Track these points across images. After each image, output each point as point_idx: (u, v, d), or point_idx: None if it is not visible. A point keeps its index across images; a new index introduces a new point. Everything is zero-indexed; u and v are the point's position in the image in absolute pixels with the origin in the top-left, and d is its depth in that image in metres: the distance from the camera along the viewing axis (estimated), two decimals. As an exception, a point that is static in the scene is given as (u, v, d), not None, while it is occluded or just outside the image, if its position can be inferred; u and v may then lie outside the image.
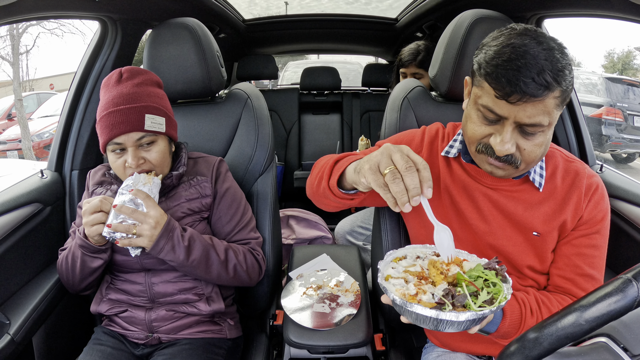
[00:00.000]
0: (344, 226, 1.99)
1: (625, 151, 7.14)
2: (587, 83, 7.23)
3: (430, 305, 0.62)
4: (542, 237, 0.87)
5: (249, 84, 1.56)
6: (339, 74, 3.03)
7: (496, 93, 0.73)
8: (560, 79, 0.70)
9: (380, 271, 0.71)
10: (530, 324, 0.80)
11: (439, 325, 0.63)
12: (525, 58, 0.70)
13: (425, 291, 0.65)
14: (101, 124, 0.95)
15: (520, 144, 0.76)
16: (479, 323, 0.65)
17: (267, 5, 2.84)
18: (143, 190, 0.93)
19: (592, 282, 0.86)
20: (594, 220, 0.86)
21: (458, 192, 0.91)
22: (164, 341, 1.08)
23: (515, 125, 0.74)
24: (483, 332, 0.80)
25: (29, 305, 1.11)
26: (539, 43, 0.71)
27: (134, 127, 0.94)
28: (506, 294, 0.65)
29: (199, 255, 0.99)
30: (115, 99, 0.94)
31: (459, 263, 0.71)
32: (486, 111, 0.76)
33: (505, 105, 0.73)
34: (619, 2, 0.95)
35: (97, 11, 1.26)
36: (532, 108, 0.71)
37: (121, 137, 0.94)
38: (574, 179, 0.87)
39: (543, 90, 0.69)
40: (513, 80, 0.70)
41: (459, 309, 0.62)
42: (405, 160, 0.65)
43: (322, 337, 1.05)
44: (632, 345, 0.47)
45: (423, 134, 0.99)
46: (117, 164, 0.98)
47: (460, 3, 1.57)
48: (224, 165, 1.15)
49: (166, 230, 0.94)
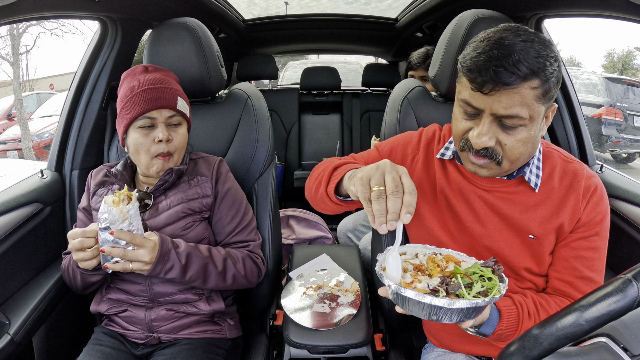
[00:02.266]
0: (347, 224, 2.00)
1: (625, 151, 7.13)
2: (587, 83, 7.23)
3: (424, 292, 0.62)
4: (539, 240, 0.86)
5: (249, 84, 1.56)
6: (339, 73, 3.03)
7: (472, 85, 0.73)
8: (536, 68, 0.69)
9: (379, 262, 0.71)
10: (528, 327, 0.80)
11: (431, 314, 0.63)
12: (499, 49, 0.70)
13: (421, 280, 0.66)
14: (133, 101, 0.98)
15: (501, 138, 0.75)
16: (473, 316, 0.65)
17: (267, 5, 2.84)
18: (122, 227, 0.89)
19: (592, 284, 0.85)
20: (592, 222, 0.84)
21: (454, 195, 0.91)
22: (163, 341, 1.08)
23: (492, 117, 0.74)
24: (480, 335, 0.79)
25: (29, 305, 1.11)
26: (518, 35, 0.71)
27: (169, 104, 1.00)
28: (501, 289, 0.65)
29: (197, 271, 0.99)
30: (149, 81, 1.00)
31: (457, 263, 0.71)
32: (465, 105, 0.77)
33: (480, 97, 0.73)
34: (619, 2, 0.95)
35: (97, 11, 1.26)
36: (507, 98, 0.70)
37: (154, 112, 0.99)
38: (572, 180, 0.85)
39: (516, 78, 0.69)
40: (484, 69, 0.70)
41: (453, 297, 0.62)
42: (395, 184, 0.65)
43: (322, 337, 1.05)
44: (632, 345, 0.47)
45: (420, 136, 0.99)
46: (144, 140, 1.00)
47: (460, 3, 1.57)
48: (224, 166, 1.15)
49: (161, 256, 0.93)
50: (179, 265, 0.96)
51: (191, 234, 1.05)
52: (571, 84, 1.42)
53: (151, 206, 1.05)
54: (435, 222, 0.93)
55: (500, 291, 0.64)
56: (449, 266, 0.70)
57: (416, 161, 0.96)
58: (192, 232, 1.06)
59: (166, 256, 0.94)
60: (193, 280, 0.99)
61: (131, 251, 0.90)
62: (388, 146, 1.00)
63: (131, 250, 0.90)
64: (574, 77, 1.78)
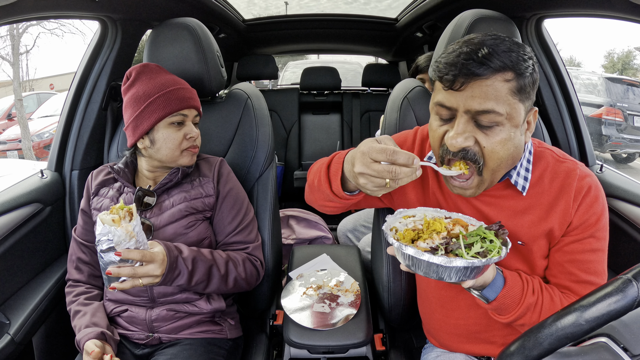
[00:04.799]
0: (347, 224, 2.00)
1: (625, 151, 7.13)
2: (587, 83, 7.23)
3: (424, 249, 0.64)
4: (527, 246, 0.84)
5: (249, 84, 1.56)
6: (339, 73, 3.03)
7: (443, 85, 0.72)
8: (507, 60, 0.68)
9: (387, 222, 0.72)
10: (530, 302, 0.79)
11: (430, 271, 0.65)
12: (469, 46, 0.70)
13: (425, 239, 0.67)
14: (167, 97, 1.02)
15: (479, 139, 0.72)
16: (472, 276, 0.66)
17: (267, 5, 2.84)
18: (129, 246, 0.84)
19: (591, 288, 0.81)
20: (586, 224, 0.81)
21: (444, 198, 0.90)
22: (164, 341, 1.08)
23: (468, 116, 0.71)
24: (483, 299, 0.79)
25: (29, 305, 1.11)
26: (491, 36, 0.71)
27: (197, 105, 1.09)
28: (501, 252, 0.66)
29: (202, 275, 0.99)
30: (176, 81, 1.06)
31: (464, 225, 0.72)
32: (439, 108, 0.75)
33: (452, 94, 0.71)
34: (619, 2, 0.95)
35: (97, 11, 1.26)
36: (480, 91, 0.69)
37: (186, 110, 1.05)
38: (564, 181, 0.82)
39: (486, 68, 0.68)
40: (454, 62, 0.69)
41: (452, 256, 0.64)
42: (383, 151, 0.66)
43: (322, 337, 1.05)
44: (632, 345, 0.47)
45: (415, 134, 0.98)
46: (176, 135, 1.04)
47: (460, 3, 1.57)
48: (225, 166, 1.15)
49: (170, 266, 0.92)
50: (187, 271, 0.95)
51: (193, 232, 1.05)
52: (571, 84, 1.42)
53: (154, 205, 1.05)
54: None
55: (500, 253, 0.65)
56: (455, 228, 0.70)
57: None
58: (194, 231, 1.06)
59: (174, 264, 0.93)
60: (198, 284, 0.99)
61: (141, 267, 0.86)
62: None
63: (140, 266, 0.87)
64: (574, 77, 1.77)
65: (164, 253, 0.91)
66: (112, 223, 0.82)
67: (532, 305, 0.79)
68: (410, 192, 0.94)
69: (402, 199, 0.96)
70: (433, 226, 0.70)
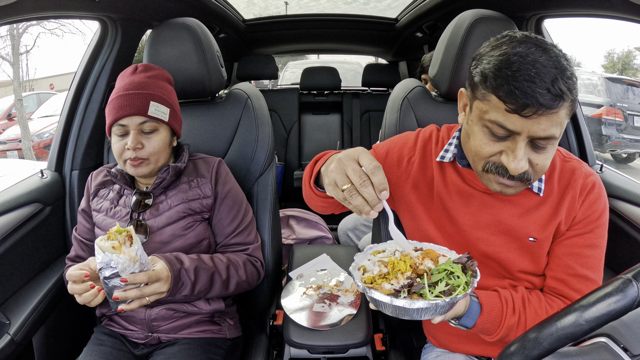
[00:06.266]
0: (347, 224, 2.00)
1: (625, 151, 7.14)
2: (587, 83, 7.23)
3: (387, 292, 0.64)
4: (539, 242, 0.85)
5: (249, 84, 1.56)
6: (338, 73, 3.04)
7: (507, 107, 0.68)
8: (571, 87, 0.68)
9: (355, 261, 0.73)
10: (511, 323, 0.80)
11: (397, 312, 0.65)
12: (535, 67, 0.66)
13: (389, 280, 0.67)
14: (109, 107, 1.00)
15: (532, 158, 0.72)
16: (441, 312, 0.65)
17: (266, 5, 2.84)
18: (133, 270, 0.82)
19: (586, 282, 0.83)
20: (588, 219, 0.84)
21: (451, 198, 0.90)
22: (163, 341, 1.08)
23: (528, 140, 0.70)
24: (462, 327, 0.80)
25: (29, 305, 1.11)
26: (545, 51, 0.68)
27: (138, 111, 0.98)
28: (466, 287, 0.66)
29: (204, 283, 0.99)
30: (126, 86, 1.00)
31: (434, 258, 0.72)
32: (495, 127, 0.71)
33: (517, 119, 0.68)
34: (619, 2, 0.95)
35: (97, 11, 1.26)
36: (547, 121, 0.67)
37: (125, 120, 0.98)
38: (570, 178, 0.85)
39: (559, 101, 0.66)
40: (528, 92, 0.65)
41: (414, 297, 0.64)
42: (358, 175, 0.65)
43: (322, 337, 1.05)
44: (632, 345, 0.47)
45: (417, 137, 0.98)
46: (117, 145, 1.01)
47: (460, 3, 1.57)
48: (223, 167, 1.15)
49: (174, 280, 0.92)
50: (190, 282, 0.95)
51: (191, 234, 1.05)
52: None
53: (151, 206, 1.05)
54: (431, 224, 0.93)
55: (466, 289, 0.65)
56: (425, 262, 0.70)
57: (412, 162, 0.95)
58: (192, 232, 1.06)
59: (178, 277, 0.93)
60: (201, 292, 0.99)
61: (147, 287, 0.86)
62: (385, 148, 0.99)
63: (146, 286, 0.86)
64: (574, 77, 1.76)
65: (167, 269, 0.90)
66: (112, 250, 0.79)
67: (515, 325, 0.81)
68: (411, 193, 0.94)
69: (403, 199, 0.96)
70: (398, 266, 0.69)
